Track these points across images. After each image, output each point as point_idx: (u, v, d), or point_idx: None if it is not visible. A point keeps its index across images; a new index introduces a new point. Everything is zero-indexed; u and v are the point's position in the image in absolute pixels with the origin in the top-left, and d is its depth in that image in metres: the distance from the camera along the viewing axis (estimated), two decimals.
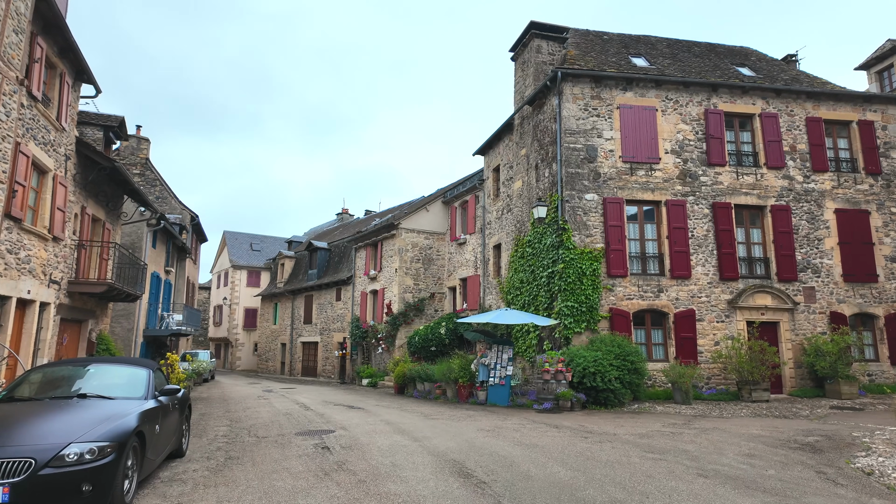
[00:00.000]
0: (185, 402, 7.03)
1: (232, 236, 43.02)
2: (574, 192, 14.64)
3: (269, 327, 34.79)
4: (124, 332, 19.02)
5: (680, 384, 12.83)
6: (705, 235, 15.09)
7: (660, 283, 14.67)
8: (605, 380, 12.31)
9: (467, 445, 7.33)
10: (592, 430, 8.86)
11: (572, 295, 14.01)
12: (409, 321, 22.71)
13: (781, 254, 15.27)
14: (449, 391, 15.19)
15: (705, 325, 14.62)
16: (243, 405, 13.68)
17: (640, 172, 15.10)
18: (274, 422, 10.10)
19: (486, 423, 9.80)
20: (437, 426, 9.34)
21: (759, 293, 14.90)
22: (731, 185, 15.45)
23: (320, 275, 30.17)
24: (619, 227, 14.65)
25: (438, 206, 24.18)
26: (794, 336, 14.94)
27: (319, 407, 12.97)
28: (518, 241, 17.34)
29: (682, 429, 8.93)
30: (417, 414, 11.37)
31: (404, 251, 23.16)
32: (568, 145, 14.84)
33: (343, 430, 8.83)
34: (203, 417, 11.14)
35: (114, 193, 15.70)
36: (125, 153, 26.14)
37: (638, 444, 7.50)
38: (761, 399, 13.14)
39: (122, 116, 15.85)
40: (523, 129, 17.79)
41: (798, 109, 16.26)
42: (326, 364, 28.53)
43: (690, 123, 15.60)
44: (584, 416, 10.91)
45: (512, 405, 13.33)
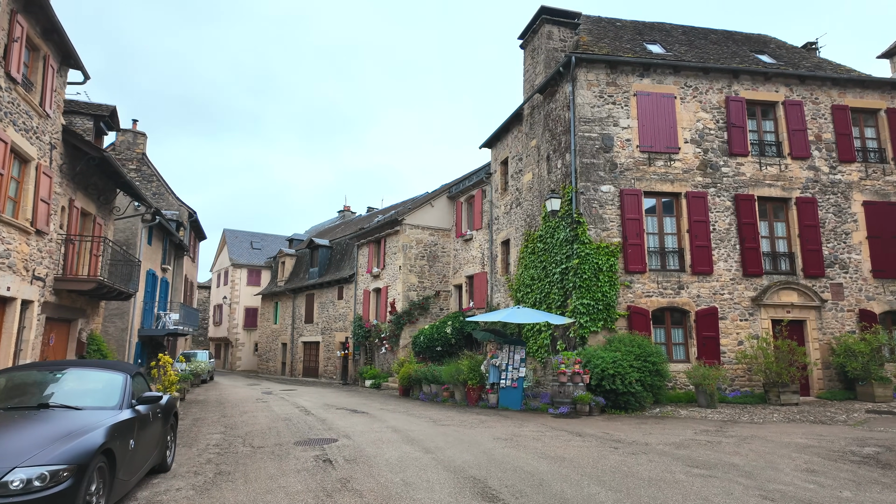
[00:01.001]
0: (171, 411, 6.27)
1: (232, 234, 42.30)
2: (589, 183, 13.86)
3: (270, 327, 34.06)
4: (118, 332, 18.28)
5: (704, 386, 12.05)
6: (727, 229, 14.30)
7: (680, 279, 13.89)
8: (625, 382, 11.55)
9: (486, 458, 6.56)
10: (620, 438, 8.09)
11: (588, 292, 13.24)
12: (413, 320, 21.95)
13: (807, 248, 14.47)
14: (457, 394, 14.43)
15: (728, 324, 13.83)
16: (240, 409, 12.93)
17: (658, 163, 14.32)
18: (272, 429, 9.35)
19: (502, 430, 9.04)
20: (449, 434, 8.58)
21: (784, 290, 14.11)
22: (753, 177, 14.66)
23: (322, 273, 29.42)
24: (638, 221, 13.87)
25: (443, 202, 23.42)
26: (822, 335, 14.15)
27: (321, 411, 12.21)
28: (528, 237, 16.57)
29: (717, 437, 8.15)
30: (426, 419, 10.61)
31: (408, 248, 22.40)
32: (582, 134, 14.06)
33: (346, 439, 8.07)
34: (196, 423, 10.39)
35: (105, 186, 14.94)
36: (121, 148, 25.43)
37: (676, 455, 6.72)
38: (790, 402, 12.36)
39: (114, 106, 15.11)
40: (533, 119, 17.01)
41: (823, 97, 15.45)
42: (328, 364, 27.78)
43: (711, 111, 14.80)
44: (606, 422, 10.14)
45: (525, 409, 12.57)
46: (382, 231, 23.95)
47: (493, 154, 20.41)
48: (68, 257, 12.76)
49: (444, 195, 23.52)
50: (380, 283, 23.95)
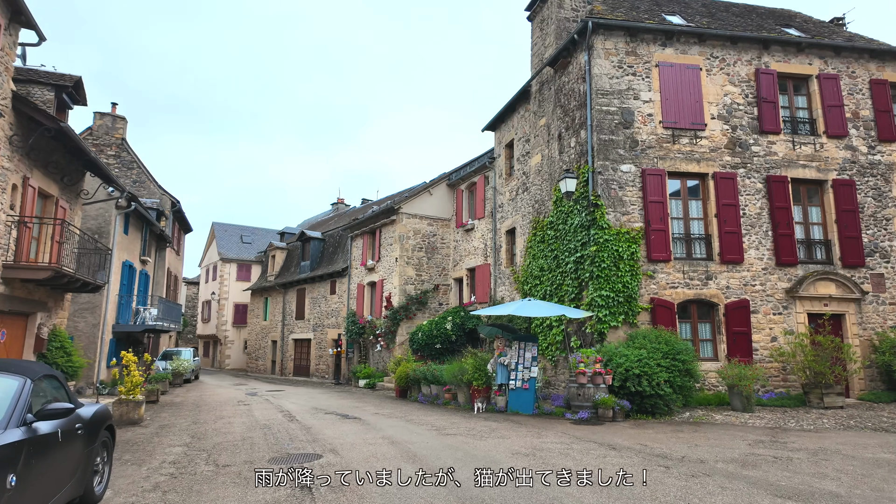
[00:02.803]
0: (100, 425, 4.84)
1: (221, 228, 40.70)
2: (608, 162, 12.48)
3: (259, 323, 32.55)
4: (88, 328, 16.77)
5: (740, 388, 10.71)
6: (758, 214, 12.96)
7: (708, 268, 12.54)
8: (652, 383, 10.20)
9: (512, 489, 5.16)
10: (662, 452, 6.72)
11: (607, 282, 11.87)
12: (410, 316, 20.53)
13: (845, 235, 13.15)
14: (460, 395, 13.03)
15: (760, 318, 12.50)
16: (217, 413, 11.49)
17: (683, 140, 12.95)
18: (246, 440, 7.91)
19: (518, 441, 7.65)
20: (457, 447, 7.18)
21: (821, 281, 12.79)
22: (786, 157, 13.32)
23: (313, 267, 27.94)
24: (661, 204, 12.50)
25: (443, 190, 21.98)
26: (862, 331, 12.84)
27: (307, 417, 10.78)
28: (537, 224, 15.17)
29: (780, 450, 6.80)
30: (427, 427, 9.20)
31: (405, 239, 20.96)
32: (599, 108, 12.67)
33: (333, 455, 6.65)
34: (161, 432, 8.94)
35: (69, 166, 13.42)
36: (99, 132, 23.86)
37: (749, 479, 5.35)
38: (834, 405, 11.03)
39: (79, 76, 13.56)
40: (543, 96, 15.60)
41: (860, 71, 14.13)
42: (320, 363, 26.32)
43: (739, 85, 13.44)
44: (635, 430, 8.77)
45: (538, 413, 11.19)
46: (377, 221, 22.49)
47: (497, 137, 19.00)
48: (21, 242, 11.25)
49: (443, 183, 22.09)
50: (375, 276, 22.51)
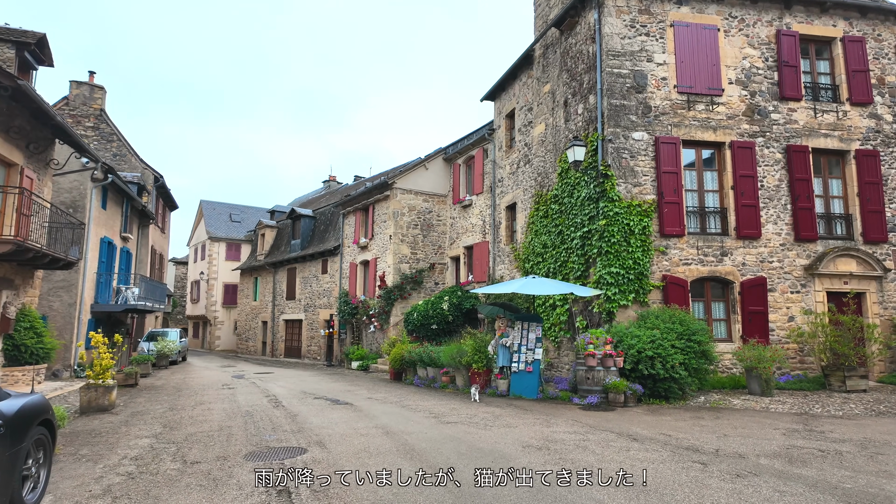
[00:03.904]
0: (30, 423, 3.98)
1: (209, 206, 39.49)
2: (619, 129, 11.57)
3: (249, 304, 31.67)
4: (64, 308, 15.83)
5: (760, 370, 10.01)
6: (777, 186, 12.15)
7: (723, 244, 11.76)
8: (666, 366, 9.48)
9: (527, 489, 4.38)
10: (689, 443, 5.98)
11: (616, 259, 11.07)
12: (405, 295, 19.73)
13: (868, 209, 12.38)
14: (459, 379, 12.29)
15: (777, 297, 11.78)
16: (197, 398, 10.68)
17: (698, 107, 12.05)
18: (223, 429, 7.10)
19: (526, 430, 6.89)
20: (460, 438, 6.41)
21: (841, 257, 12.05)
22: (807, 125, 12.46)
23: (304, 245, 26.99)
24: (675, 174, 11.65)
25: (439, 164, 21.00)
26: (883, 310, 12.16)
27: (294, 402, 9.99)
28: (540, 198, 14.30)
29: (821, 441, 6.08)
30: (425, 414, 8.44)
31: (400, 215, 20.03)
32: (610, 70, 11.71)
33: (319, 449, 5.85)
34: (131, 420, 8.12)
35: (35, 132, 12.33)
36: (75, 102, 22.57)
37: (805, 480, 4.61)
38: (857, 389, 10.38)
39: (43, 33, 12.41)
40: (547, 60, 14.58)
41: (887, 34, 13.21)
42: (312, 344, 25.56)
43: (759, 48, 12.50)
44: (651, 416, 8.05)
45: (542, 398, 10.46)
46: (371, 197, 21.52)
47: (497, 107, 17.98)
48: None
49: (439, 157, 21.09)
50: (368, 254, 21.62)
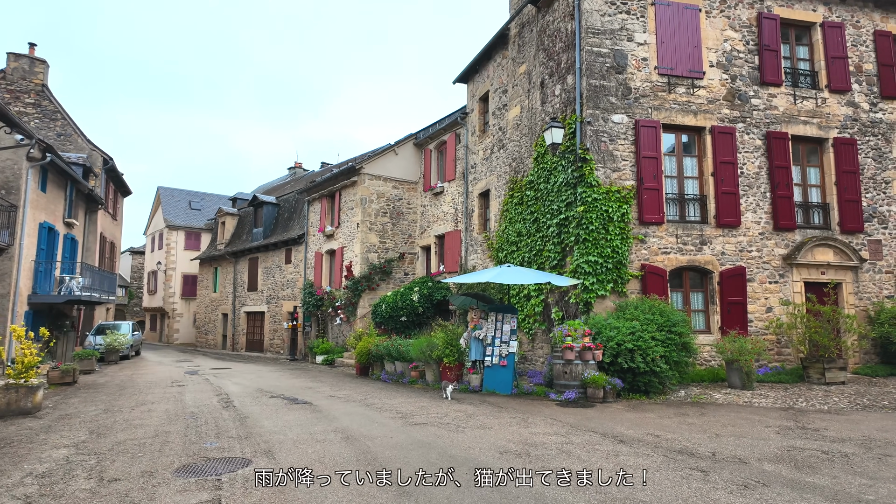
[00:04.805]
0: None
1: (167, 193, 37.61)
2: (598, 111, 11.01)
3: (209, 295, 30.23)
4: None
5: (741, 363, 9.65)
6: (756, 173, 11.83)
7: (703, 232, 11.37)
8: (647, 359, 9.01)
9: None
10: (683, 446, 5.44)
11: (595, 247, 10.54)
12: (373, 286, 18.90)
13: (845, 198, 12.20)
14: (429, 373, 11.60)
15: (755, 287, 11.48)
16: (141, 398, 9.68)
17: (679, 90, 11.59)
18: (159, 436, 6.22)
19: (503, 432, 6.24)
20: (430, 443, 5.72)
21: (819, 247, 11.84)
22: (787, 111, 12.17)
23: (267, 234, 25.78)
24: (655, 160, 11.18)
25: (410, 150, 20.16)
26: (858, 300, 12.02)
27: (248, 402, 9.12)
28: (514, 184, 13.68)
29: (819, 440, 5.63)
30: (391, 414, 7.71)
31: (368, 202, 19.14)
32: (590, 49, 11.12)
33: (266, 460, 5.06)
34: (55, 424, 7.13)
35: None
36: (13, 76, 20.77)
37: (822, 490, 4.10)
38: (836, 381, 10.15)
39: None
40: (523, 39, 13.91)
41: (865, 21, 13.02)
42: (275, 337, 24.46)
43: (740, 30, 12.12)
44: (634, 413, 7.53)
45: (517, 393, 9.87)
46: (337, 182, 20.53)
47: (470, 89, 17.25)
48: None
49: (409, 143, 20.24)
50: (334, 243, 20.67)
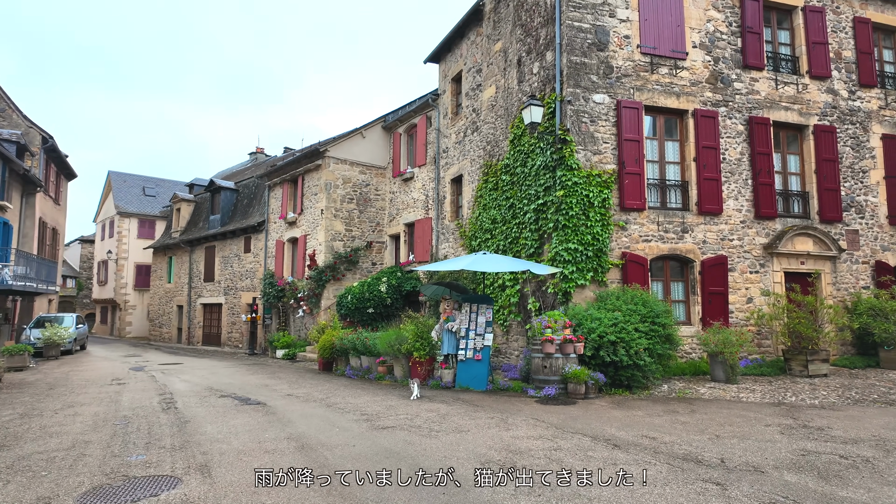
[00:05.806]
0: None
1: (119, 178, 35.42)
2: (579, 90, 10.36)
3: (163, 286, 28.56)
4: None
5: (726, 355, 9.22)
6: (738, 160, 11.44)
7: (684, 220, 10.91)
8: (630, 352, 8.47)
9: None
10: (685, 451, 4.84)
11: (574, 234, 9.92)
12: (338, 276, 17.93)
13: (825, 187, 11.96)
14: (397, 369, 10.80)
15: (737, 277, 11.12)
16: (70, 399, 8.55)
17: (662, 70, 11.06)
18: (78, 445, 5.24)
19: (482, 437, 5.52)
20: (398, 451, 4.95)
21: (799, 236, 11.56)
22: (768, 96, 11.82)
23: (224, 221, 24.37)
24: (637, 143, 10.61)
25: (378, 133, 19.19)
26: (836, 291, 11.83)
27: (193, 402, 8.13)
28: (489, 168, 12.96)
29: (828, 441, 5.12)
30: (355, 416, 6.89)
31: (333, 187, 18.11)
32: (571, 23, 10.44)
33: (199, 479, 4.19)
34: None
35: None
36: None
37: None
38: (819, 373, 9.86)
39: None
40: (499, 15, 13.15)
41: (845, 7, 12.79)
42: (233, 331, 23.18)
43: (723, 11, 11.67)
44: (621, 411, 6.93)
45: (493, 389, 9.18)
46: (300, 166, 19.40)
47: (442, 69, 16.40)
48: None
49: (378, 126, 19.27)
50: (296, 231, 19.56)
